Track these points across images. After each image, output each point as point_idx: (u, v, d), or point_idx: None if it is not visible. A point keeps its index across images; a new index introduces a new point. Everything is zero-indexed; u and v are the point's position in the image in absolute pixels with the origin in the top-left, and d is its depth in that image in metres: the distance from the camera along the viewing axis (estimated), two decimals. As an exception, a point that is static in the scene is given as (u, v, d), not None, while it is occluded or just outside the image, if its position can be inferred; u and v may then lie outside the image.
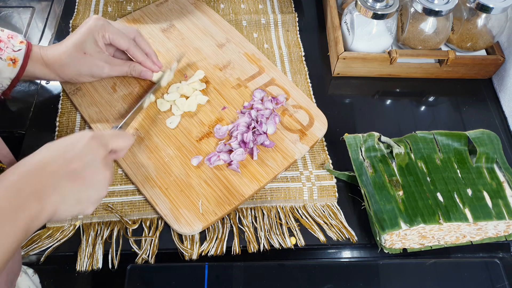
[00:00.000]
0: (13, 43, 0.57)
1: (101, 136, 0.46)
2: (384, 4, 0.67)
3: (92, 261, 0.54)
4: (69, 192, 0.41)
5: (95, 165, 0.43)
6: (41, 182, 0.40)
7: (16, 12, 0.82)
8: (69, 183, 0.41)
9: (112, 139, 0.47)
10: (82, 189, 0.42)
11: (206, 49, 0.74)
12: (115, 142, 0.48)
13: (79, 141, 0.44)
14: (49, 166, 0.41)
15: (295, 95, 0.69)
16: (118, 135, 0.49)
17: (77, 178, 0.42)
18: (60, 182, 0.41)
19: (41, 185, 0.40)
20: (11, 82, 0.59)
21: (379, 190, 0.57)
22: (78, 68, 0.62)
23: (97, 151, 0.44)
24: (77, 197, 0.42)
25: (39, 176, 0.40)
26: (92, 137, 0.45)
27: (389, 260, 0.57)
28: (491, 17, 0.68)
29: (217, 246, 0.56)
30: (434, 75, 0.75)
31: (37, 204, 0.39)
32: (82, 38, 0.60)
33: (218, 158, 0.60)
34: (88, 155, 0.43)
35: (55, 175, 0.41)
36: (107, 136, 0.47)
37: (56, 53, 0.60)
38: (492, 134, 0.62)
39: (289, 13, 0.82)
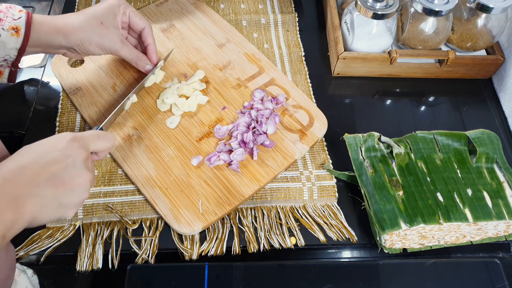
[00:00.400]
0: (12, 12, 0.55)
1: (81, 137, 0.45)
2: (384, 4, 0.67)
3: (92, 261, 0.54)
4: (48, 197, 0.40)
5: (75, 167, 0.42)
6: (19, 189, 0.38)
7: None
8: (49, 188, 0.40)
9: (93, 141, 0.46)
10: (62, 193, 0.41)
11: (206, 49, 0.74)
12: (96, 143, 0.46)
13: (58, 143, 0.42)
14: (27, 170, 0.40)
15: (295, 95, 0.69)
16: (99, 136, 0.47)
17: (57, 182, 0.40)
18: (39, 188, 0.39)
19: (18, 192, 0.38)
20: (18, 53, 0.57)
21: (379, 190, 0.57)
22: (90, 35, 0.59)
23: (77, 153, 0.43)
24: (57, 202, 0.41)
25: (16, 183, 0.39)
26: (72, 139, 0.43)
27: (389, 260, 0.57)
28: (491, 17, 0.68)
29: (217, 246, 0.56)
30: (434, 75, 0.75)
31: (13, 213, 0.37)
32: (101, 11, 0.60)
33: (218, 158, 0.60)
34: (68, 158, 0.42)
35: (33, 180, 0.39)
36: (87, 137, 0.46)
37: (68, 19, 0.59)
38: (492, 134, 0.62)
39: (289, 13, 0.82)
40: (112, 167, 0.62)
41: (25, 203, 0.38)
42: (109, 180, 0.60)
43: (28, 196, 0.39)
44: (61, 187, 0.41)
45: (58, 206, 0.41)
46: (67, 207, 0.42)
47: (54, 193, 0.40)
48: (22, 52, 0.57)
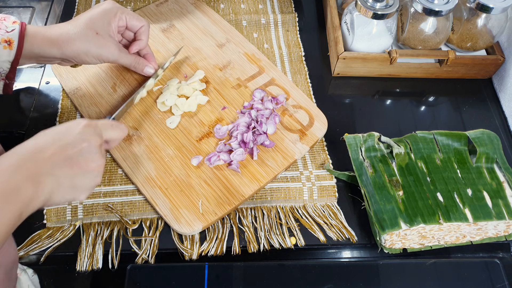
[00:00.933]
0: (6, 24, 0.55)
1: (96, 124, 0.46)
2: (384, 4, 0.67)
3: (92, 261, 0.54)
4: (64, 178, 0.41)
5: (90, 152, 0.43)
6: (37, 167, 0.40)
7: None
8: (65, 168, 0.41)
9: (106, 129, 0.48)
10: (77, 175, 0.42)
11: (206, 49, 0.74)
12: (109, 132, 0.48)
13: (74, 128, 0.44)
14: (45, 151, 0.41)
15: (295, 95, 0.69)
16: (112, 125, 0.49)
17: (73, 163, 0.42)
18: (56, 167, 0.41)
19: (37, 170, 0.39)
20: (11, 65, 0.56)
21: (379, 190, 0.57)
22: (86, 46, 0.58)
23: (92, 139, 0.44)
24: (72, 183, 0.42)
25: (35, 161, 0.40)
26: (87, 125, 0.45)
27: (389, 260, 0.57)
28: (491, 17, 0.68)
29: (217, 246, 0.56)
30: (434, 75, 0.75)
31: (32, 188, 0.39)
32: (96, 19, 0.59)
33: (218, 158, 0.60)
34: (83, 142, 0.43)
35: (51, 160, 0.41)
36: (101, 125, 0.47)
37: (63, 29, 0.58)
38: (492, 134, 0.62)
39: (289, 13, 0.82)
40: (112, 167, 0.62)
41: (44, 181, 0.40)
42: (109, 180, 0.60)
43: (47, 174, 0.40)
44: (76, 169, 0.42)
45: (72, 188, 0.42)
46: (81, 189, 0.43)
47: (70, 174, 0.42)
48: (15, 65, 0.57)
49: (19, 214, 0.38)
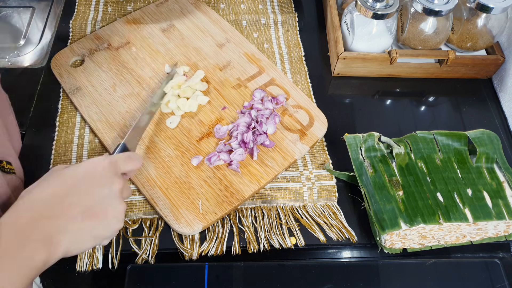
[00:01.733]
0: None
1: (116, 162, 0.43)
2: (384, 4, 0.67)
3: (92, 261, 0.54)
4: (82, 231, 0.38)
5: (111, 198, 0.40)
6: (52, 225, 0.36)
7: (16, 12, 0.82)
8: (83, 222, 0.38)
9: (124, 163, 0.44)
10: (96, 226, 0.39)
11: (206, 49, 0.74)
12: (127, 165, 0.45)
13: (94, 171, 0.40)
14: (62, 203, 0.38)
15: (295, 95, 0.69)
16: (129, 157, 0.46)
17: (92, 215, 0.39)
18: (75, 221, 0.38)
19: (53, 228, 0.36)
20: None
21: (379, 190, 0.57)
22: None
23: (113, 183, 0.41)
24: (91, 235, 0.39)
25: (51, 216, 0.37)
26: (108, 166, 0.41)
27: (389, 260, 0.57)
28: (491, 17, 0.68)
29: (217, 246, 0.56)
30: (434, 75, 0.75)
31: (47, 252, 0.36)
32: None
33: (218, 158, 0.60)
34: (104, 189, 0.40)
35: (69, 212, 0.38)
36: (121, 161, 0.44)
37: None
38: (492, 134, 0.62)
39: (289, 13, 0.82)
40: (112, 167, 0.62)
41: (59, 240, 0.37)
42: (109, 180, 0.60)
43: (62, 232, 0.37)
44: (95, 220, 0.39)
45: (92, 238, 0.39)
46: (101, 238, 0.40)
47: (88, 227, 0.39)
48: None
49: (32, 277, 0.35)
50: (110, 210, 0.40)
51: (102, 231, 0.40)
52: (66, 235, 0.37)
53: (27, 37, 0.78)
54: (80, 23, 0.78)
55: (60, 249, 0.37)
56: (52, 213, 0.37)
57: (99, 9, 0.81)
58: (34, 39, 0.78)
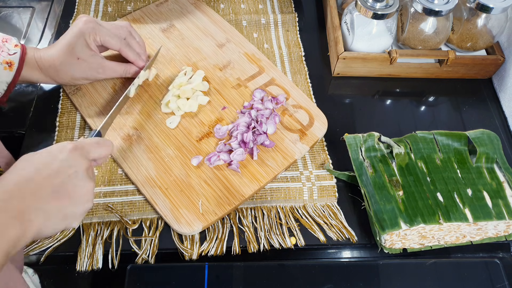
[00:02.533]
0: (8, 47, 0.57)
1: (82, 146, 0.44)
2: (384, 4, 0.67)
3: (92, 261, 0.54)
4: (53, 210, 0.39)
5: (78, 178, 0.42)
6: (23, 203, 0.38)
7: (16, 12, 0.82)
8: (53, 200, 0.39)
9: (93, 149, 0.46)
10: (66, 205, 0.40)
11: (206, 49, 0.74)
12: (96, 151, 0.46)
13: (59, 153, 0.42)
14: (30, 183, 0.39)
15: (295, 95, 0.69)
16: (99, 143, 0.47)
17: (61, 194, 0.40)
18: (43, 201, 0.39)
19: (23, 206, 0.37)
20: (7, 87, 0.58)
21: (379, 190, 0.57)
22: (72, 73, 0.61)
23: (79, 163, 0.42)
24: (62, 214, 0.40)
25: (20, 197, 0.38)
26: (73, 148, 0.43)
27: (389, 260, 0.57)
28: (491, 17, 0.68)
29: (217, 246, 0.56)
30: (434, 75, 0.75)
31: (19, 227, 0.37)
32: (73, 42, 0.59)
33: (218, 158, 0.60)
34: (70, 168, 0.41)
35: (38, 193, 0.39)
36: (88, 146, 0.45)
37: (49, 58, 0.59)
38: (492, 134, 0.62)
39: (289, 13, 0.82)
40: (112, 167, 0.62)
41: (31, 218, 0.38)
42: (109, 180, 0.60)
43: (33, 211, 0.38)
44: (65, 199, 0.40)
45: (63, 218, 0.40)
46: (72, 218, 0.41)
47: (59, 206, 0.40)
48: (11, 87, 0.58)
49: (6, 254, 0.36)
50: (79, 189, 0.42)
51: (72, 209, 0.41)
52: (38, 213, 0.38)
53: (27, 37, 0.78)
54: (80, 23, 0.78)
55: (33, 227, 0.38)
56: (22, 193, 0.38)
57: (99, 9, 0.81)
58: (34, 39, 0.78)
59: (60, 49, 0.59)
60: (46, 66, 0.60)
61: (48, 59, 0.60)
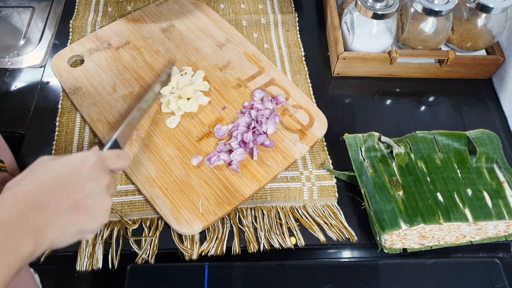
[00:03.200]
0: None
1: (104, 158, 0.43)
2: (384, 4, 0.67)
3: (92, 261, 0.54)
4: (69, 225, 0.38)
5: (98, 193, 0.40)
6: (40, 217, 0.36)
7: (16, 12, 0.82)
8: (70, 215, 0.38)
9: (113, 161, 0.44)
10: (83, 220, 0.39)
11: (206, 49, 0.74)
12: (115, 163, 0.45)
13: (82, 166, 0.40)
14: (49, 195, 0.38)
15: (295, 95, 0.69)
16: (118, 155, 0.46)
17: (80, 209, 0.39)
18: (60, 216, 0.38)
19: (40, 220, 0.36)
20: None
21: (379, 190, 0.57)
22: None
23: (100, 178, 0.41)
24: (77, 229, 0.39)
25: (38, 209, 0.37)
26: (96, 161, 0.41)
27: (389, 260, 0.57)
28: (491, 17, 0.68)
29: (217, 246, 0.56)
30: (434, 75, 0.75)
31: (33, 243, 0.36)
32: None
33: (218, 158, 0.60)
34: (91, 184, 0.40)
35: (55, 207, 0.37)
36: (109, 158, 0.44)
37: None
38: (492, 134, 0.62)
39: (289, 13, 0.82)
40: (112, 167, 0.62)
41: (46, 233, 0.37)
42: (109, 180, 0.60)
43: (50, 225, 0.37)
44: (82, 215, 0.39)
45: (77, 232, 0.39)
46: (86, 232, 0.40)
47: (75, 221, 0.39)
48: None
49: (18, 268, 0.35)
50: (97, 205, 0.40)
51: (88, 225, 0.40)
52: (53, 228, 0.37)
53: (27, 37, 0.78)
54: (80, 23, 0.78)
55: (47, 241, 0.37)
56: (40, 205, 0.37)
57: (99, 9, 0.81)
58: (34, 39, 0.78)
59: None
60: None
61: None
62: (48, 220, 0.37)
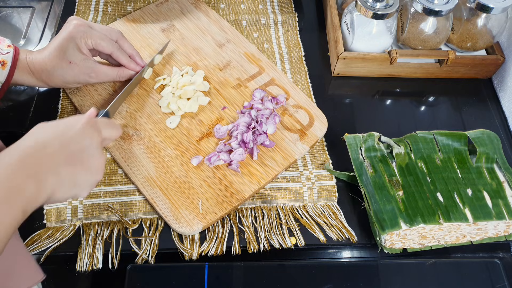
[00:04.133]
0: (1, 47, 0.57)
1: (95, 122, 0.46)
2: (384, 4, 0.67)
3: (92, 261, 0.54)
4: (66, 175, 0.41)
5: (92, 148, 0.44)
6: (40, 164, 0.40)
7: (16, 12, 0.82)
8: (67, 165, 0.41)
9: (105, 127, 0.48)
10: (79, 172, 0.42)
11: (206, 49, 0.74)
12: (107, 130, 0.48)
13: (75, 124, 0.44)
14: (47, 147, 0.41)
15: (295, 95, 0.69)
16: (110, 123, 0.49)
17: (75, 161, 0.42)
18: (58, 165, 0.41)
19: (39, 167, 0.39)
20: (1, 87, 0.58)
21: (379, 190, 0.57)
22: (64, 77, 0.61)
23: (93, 136, 0.44)
24: (74, 180, 0.42)
25: (36, 158, 0.40)
26: (88, 122, 0.45)
27: (389, 260, 0.57)
28: (491, 17, 0.68)
29: (217, 246, 0.56)
30: (434, 75, 0.75)
31: (35, 186, 0.38)
32: (64, 46, 0.59)
33: (218, 158, 0.60)
34: (85, 139, 0.43)
35: (53, 157, 0.41)
36: (100, 123, 0.47)
37: (41, 62, 0.59)
38: (492, 134, 0.62)
39: (289, 13, 0.82)
40: (112, 167, 0.62)
41: (46, 179, 0.39)
42: (109, 180, 0.60)
43: (49, 172, 0.40)
44: (78, 166, 0.42)
45: (74, 185, 0.42)
46: (82, 186, 0.43)
47: (72, 172, 0.42)
48: (5, 87, 0.58)
49: (23, 212, 0.38)
50: (92, 159, 0.44)
51: (84, 178, 0.43)
52: (51, 176, 0.40)
53: (27, 37, 0.78)
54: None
55: (46, 188, 0.40)
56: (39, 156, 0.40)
57: (99, 9, 0.81)
58: (34, 39, 0.78)
59: (52, 53, 0.59)
60: (38, 69, 0.59)
61: (40, 63, 0.59)
62: (46, 167, 0.40)
